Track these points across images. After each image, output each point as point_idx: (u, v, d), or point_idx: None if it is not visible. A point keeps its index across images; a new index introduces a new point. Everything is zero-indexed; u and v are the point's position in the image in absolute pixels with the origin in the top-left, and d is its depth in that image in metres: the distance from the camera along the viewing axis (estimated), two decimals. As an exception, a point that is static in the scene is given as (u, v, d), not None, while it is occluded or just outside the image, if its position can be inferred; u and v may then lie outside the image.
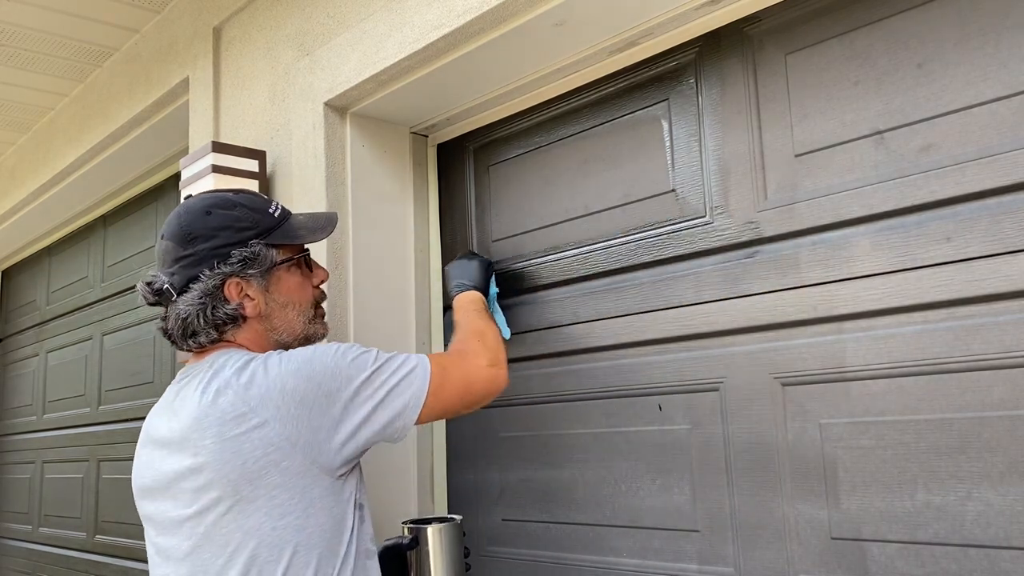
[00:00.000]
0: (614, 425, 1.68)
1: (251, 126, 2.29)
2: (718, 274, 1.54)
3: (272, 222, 1.37)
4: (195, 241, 1.32)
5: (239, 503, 1.19)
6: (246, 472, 1.18)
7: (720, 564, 1.50)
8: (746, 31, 1.56)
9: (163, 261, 1.35)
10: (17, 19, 2.75)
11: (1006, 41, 1.24)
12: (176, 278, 1.32)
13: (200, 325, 1.31)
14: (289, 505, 1.19)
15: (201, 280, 1.30)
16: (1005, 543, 1.19)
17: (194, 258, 1.31)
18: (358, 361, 1.27)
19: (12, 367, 4.43)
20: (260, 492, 1.18)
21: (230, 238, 1.32)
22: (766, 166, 1.50)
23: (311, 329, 1.42)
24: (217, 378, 1.24)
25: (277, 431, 1.18)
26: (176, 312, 1.32)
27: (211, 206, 1.35)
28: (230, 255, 1.31)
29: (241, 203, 1.37)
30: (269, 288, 1.35)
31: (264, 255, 1.34)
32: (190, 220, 1.34)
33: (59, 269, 4.03)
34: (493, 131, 2.01)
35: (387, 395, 1.27)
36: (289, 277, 1.38)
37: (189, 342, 1.34)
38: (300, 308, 1.39)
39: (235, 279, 1.32)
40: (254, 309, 1.34)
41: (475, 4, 1.62)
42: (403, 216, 2.08)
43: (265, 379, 1.21)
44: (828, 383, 1.39)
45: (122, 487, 3.29)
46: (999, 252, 1.22)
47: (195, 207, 1.36)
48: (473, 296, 1.68)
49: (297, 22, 2.15)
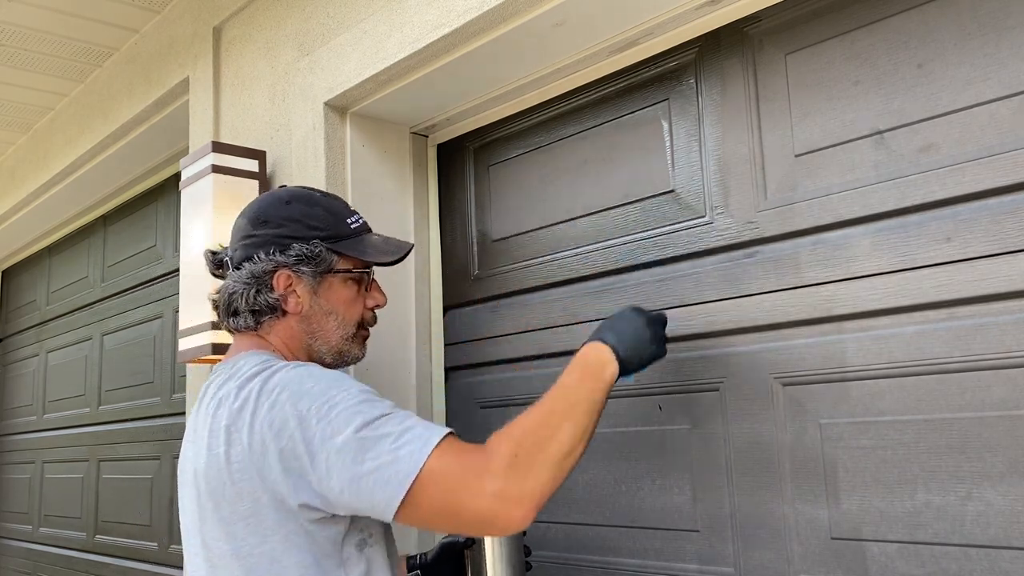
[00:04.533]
0: (614, 425, 1.68)
1: (251, 126, 2.29)
2: (718, 274, 1.54)
3: (345, 231, 1.36)
4: (265, 225, 1.33)
5: (221, 521, 1.18)
6: (226, 492, 1.17)
7: (720, 564, 1.50)
8: (746, 31, 1.56)
9: (233, 236, 1.37)
10: (17, 19, 2.75)
11: (1006, 41, 1.24)
12: (238, 254, 1.33)
13: (241, 305, 1.31)
14: (265, 535, 1.16)
15: (255, 262, 1.31)
16: (1005, 543, 1.19)
17: (257, 240, 1.32)
18: (344, 418, 1.10)
19: (12, 367, 4.43)
20: (237, 516, 1.17)
21: (296, 231, 1.32)
22: (766, 166, 1.50)
23: (347, 346, 1.37)
24: (226, 385, 1.23)
25: (250, 459, 1.14)
26: (227, 286, 1.34)
27: (293, 197, 1.36)
28: (290, 247, 1.31)
29: (322, 204, 1.37)
30: (318, 291, 1.33)
31: (323, 258, 1.32)
32: (268, 204, 1.36)
33: (59, 269, 4.03)
34: (493, 131, 2.01)
35: (353, 478, 1.08)
36: (342, 288, 1.35)
37: (230, 320, 1.34)
38: (342, 321, 1.35)
39: (286, 271, 1.31)
40: (296, 306, 1.32)
41: (475, 4, 1.62)
42: (403, 216, 2.08)
43: (254, 403, 1.16)
44: (828, 383, 1.39)
45: (122, 487, 3.30)
46: (999, 252, 1.22)
47: (279, 194, 1.38)
48: (609, 366, 1.22)
49: (297, 22, 2.15)
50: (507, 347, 1.91)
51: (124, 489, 3.27)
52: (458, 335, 2.04)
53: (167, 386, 3.06)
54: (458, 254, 2.07)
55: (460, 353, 2.03)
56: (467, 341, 2.02)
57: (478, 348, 1.98)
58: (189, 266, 2.10)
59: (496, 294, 1.96)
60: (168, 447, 3.01)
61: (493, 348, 1.95)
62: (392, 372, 1.95)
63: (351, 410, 1.10)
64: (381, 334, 1.95)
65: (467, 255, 2.05)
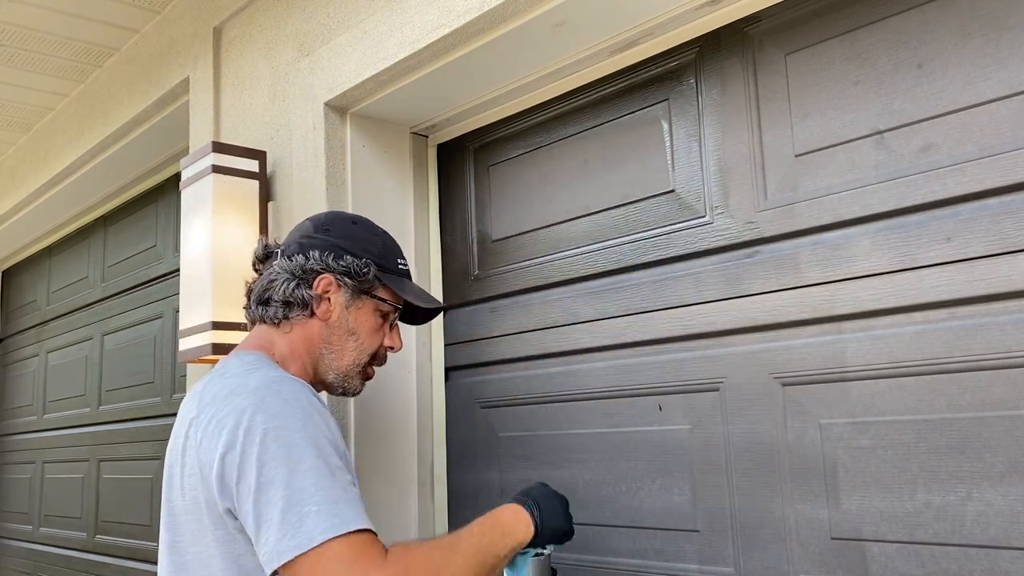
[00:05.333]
0: (614, 425, 1.68)
1: (251, 126, 2.29)
2: (718, 274, 1.54)
3: (394, 267, 1.42)
4: (327, 232, 1.38)
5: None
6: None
7: (720, 564, 1.50)
8: (746, 31, 1.56)
9: (292, 233, 1.42)
10: (18, 19, 2.75)
11: (1006, 41, 1.24)
12: (292, 247, 1.38)
13: (277, 294, 1.34)
14: (204, 532, 1.19)
15: (305, 258, 1.35)
16: (1005, 543, 1.19)
17: (316, 242, 1.37)
18: (278, 472, 1.07)
19: (13, 367, 4.44)
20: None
21: (352, 247, 1.37)
22: (766, 166, 1.50)
23: (353, 373, 1.39)
24: (211, 375, 1.26)
25: (200, 458, 1.17)
26: (269, 272, 1.37)
27: (359, 221, 1.44)
28: (343, 257, 1.35)
29: (382, 236, 1.44)
30: (350, 308, 1.37)
31: (368, 278, 1.37)
32: (336, 217, 1.44)
33: (59, 269, 4.03)
34: (493, 131, 2.01)
35: (258, 517, 1.07)
36: (371, 316, 1.39)
37: (258, 309, 1.36)
38: (360, 346, 1.38)
39: (331, 276, 1.35)
40: (326, 312, 1.35)
41: (475, 4, 1.62)
42: (403, 216, 2.08)
43: (210, 407, 1.17)
44: (828, 383, 1.39)
45: (122, 487, 3.30)
46: (999, 252, 1.22)
47: (346, 214, 1.47)
48: (522, 527, 1.25)
49: (297, 22, 2.15)
50: (507, 347, 1.91)
51: (124, 489, 3.28)
52: (458, 335, 2.04)
53: (167, 386, 3.06)
54: (458, 254, 2.07)
55: (460, 353, 2.03)
56: (467, 341, 2.02)
57: (478, 348, 1.98)
58: (189, 266, 2.10)
59: (496, 294, 1.96)
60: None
61: (493, 348, 1.95)
62: (392, 372, 1.95)
63: (300, 450, 1.08)
64: (381, 334, 1.96)
65: (467, 255, 2.05)
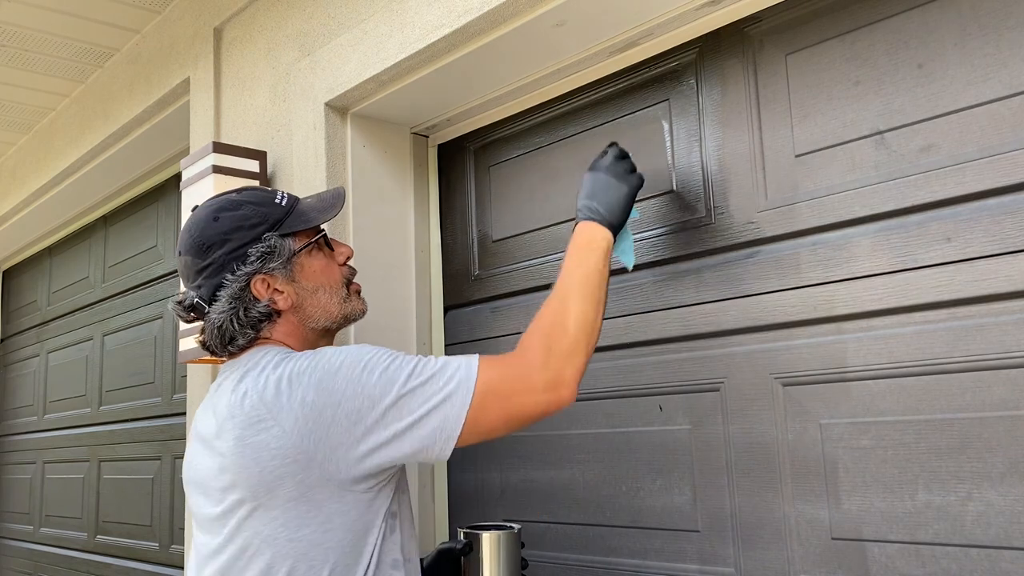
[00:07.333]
0: (614, 425, 1.68)
1: (252, 126, 2.30)
2: (718, 274, 1.54)
3: (280, 212, 1.36)
4: (211, 249, 1.31)
5: (258, 509, 1.18)
6: (263, 479, 1.17)
7: (720, 564, 1.50)
8: (746, 31, 1.56)
9: (186, 276, 1.35)
10: (18, 19, 2.75)
11: (1006, 41, 1.24)
12: (203, 290, 1.31)
13: (236, 329, 1.30)
14: (306, 518, 1.18)
15: (226, 286, 1.29)
16: (1005, 543, 1.19)
17: (214, 266, 1.30)
18: (388, 376, 1.18)
19: (13, 367, 4.44)
20: (277, 502, 1.17)
21: (244, 238, 1.31)
22: (766, 166, 1.50)
23: (348, 308, 1.39)
24: (247, 378, 1.24)
25: (294, 443, 1.16)
26: (211, 322, 1.31)
27: (217, 211, 1.34)
28: (248, 254, 1.30)
29: (246, 200, 1.36)
30: (295, 278, 1.33)
31: (281, 246, 1.32)
32: (200, 230, 1.33)
33: (60, 269, 4.04)
34: (493, 131, 2.01)
35: (416, 422, 1.18)
36: (312, 262, 1.36)
37: (228, 348, 1.32)
38: (331, 290, 1.37)
39: (259, 276, 1.31)
40: (286, 302, 1.33)
41: (476, 4, 1.62)
42: (403, 216, 2.08)
43: (288, 388, 1.19)
44: (828, 383, 1.39)
45: (123, 487, 3.30)
46: (999, 252, 1.22)
47: (202, 216, 1.35)
48: (596, 235, 1.35)
49: (298, 22, 2.16)
50: (508, 347, 1.91)
51: (125, 489, 3.28)
52: (458, 335, 2.04)
53: (168, 386, 3.06)
54: (458, 254, 2.07)
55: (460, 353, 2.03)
56: (467, 341, 2.02)
57: (478, 348, 1.98)
58: (190, 266, 2.10)
59: (496, 294, 1.96)
60: (169, 447, 3.01)
61: (493, 348, 1.95)
62: (392, 372, 1.94)
63: (391, 367, 1.19)
64: (382, 333, 1.96)
65: (467, 255, 2.05)
